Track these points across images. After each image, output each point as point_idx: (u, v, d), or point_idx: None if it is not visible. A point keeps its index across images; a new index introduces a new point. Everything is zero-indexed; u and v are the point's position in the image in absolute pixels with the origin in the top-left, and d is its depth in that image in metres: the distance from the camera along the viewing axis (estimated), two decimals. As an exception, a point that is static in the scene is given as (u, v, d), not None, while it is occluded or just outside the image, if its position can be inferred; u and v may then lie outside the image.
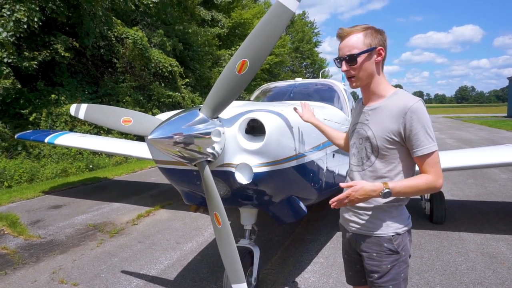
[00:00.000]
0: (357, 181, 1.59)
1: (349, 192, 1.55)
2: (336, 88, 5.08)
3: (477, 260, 3.83)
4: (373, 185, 1.56)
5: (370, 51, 1.63)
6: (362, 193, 1.54)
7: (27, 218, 5.69)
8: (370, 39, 1.63)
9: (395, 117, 1.60)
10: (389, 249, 1.69)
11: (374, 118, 1.69)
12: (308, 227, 4.99)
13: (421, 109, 1.58)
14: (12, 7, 8.70)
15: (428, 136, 1.57)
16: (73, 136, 7.16)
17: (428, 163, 1.59)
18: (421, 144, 1.57)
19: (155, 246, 4.48)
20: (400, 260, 1.70)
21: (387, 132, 1.62)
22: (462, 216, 5.27)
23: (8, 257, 4.18)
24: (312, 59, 45.13)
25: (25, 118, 10.05)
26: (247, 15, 23.72)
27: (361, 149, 1.75)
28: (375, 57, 1.65)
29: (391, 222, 1.69)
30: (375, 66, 1.67)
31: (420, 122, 1.55)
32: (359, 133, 1.76)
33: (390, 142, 1.63)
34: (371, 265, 1.74)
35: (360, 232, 1.76)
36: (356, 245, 1.80)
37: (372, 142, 1.67)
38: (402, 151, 1.65)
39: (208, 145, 2.22)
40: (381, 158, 1.67)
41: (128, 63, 13.67)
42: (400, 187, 1.56)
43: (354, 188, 1.55)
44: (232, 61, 2.09)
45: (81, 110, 2.87)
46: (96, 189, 7.88)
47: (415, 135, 1.57)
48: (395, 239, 1.69)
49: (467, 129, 21.97)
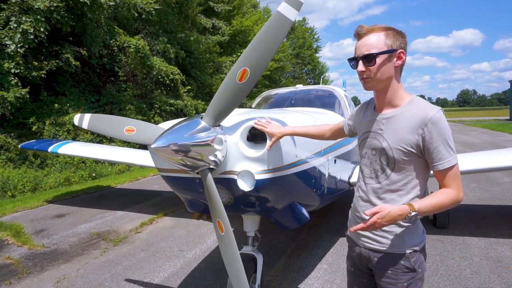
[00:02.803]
0: (382, 206, 1.46)
1: (374, 220, 1.44)
2: (337, 94, 5.11)
3: (481, 264, 3.81)
4: (400, 210, 1.44)
5: (391, 53, 1.53)
6: (389, 219, 1.43)
7: (31, 227, 5.71)
8: (391, 40, 1.53)
9: (413, 128, 1.51)
10: (406, 267, 1.59)
11: (389, 128, 1.58)
12: (311, 233, 4.98)
13: (442, 119, 1.49)
14: (18, 19, 8.82)
15: (450, 148, 1.49)
16: (76, 145, 7.19)
17: (449, 177, 1.51)
18: (442, 158, 1.49)
19: (158, 254, 4.48)
20: (417, 277, 1.60)
21: (404, 144, 1.53)
22: (466, 221, 5.26)
23: (13, 266, 4.20)
24: (313, 64, 45.30)
25: (28, 128, 10.13)
26: (247, 22, 23.88)
27: (375, 161, 1.65)
28: (395, 61, 1.55)
29: (409, 238, 1.60)
30: (394, 70, 1.57)
31: (441, 134, 1.47)
32: (372, 143, 1.65)
33: (407, 154, 1.54)
34: (386, 283, 1.64)
35: (374, 248, 1.66)
36: (369, 261, 1.70)
37: (388, 154, 1.58)
38: (420, 163, 1.57)
39: (210, 153, 2.24)
40: (398, 171, 1.58)
41: (130, 72, 13.78)
42: (426, 207, 1.47)
43: (381, 214, 1.43)
44: (233, 70, 2.12)
45: (84, 120, 2.90)
46: (99, 197, 7.90)
47: (436, 148, 1.48)
48: (412, 256, 1.59)
49: (470, 133, 21.92)
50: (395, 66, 1.57)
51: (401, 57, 1.56)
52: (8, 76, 8.91)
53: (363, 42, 1.57)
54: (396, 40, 1.54)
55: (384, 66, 1.54)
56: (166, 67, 14.30)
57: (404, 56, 1.57)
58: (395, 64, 1.56)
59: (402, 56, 1.56)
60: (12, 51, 8.78)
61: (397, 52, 1.55)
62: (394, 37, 1.54)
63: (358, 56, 1.58)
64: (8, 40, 8.76)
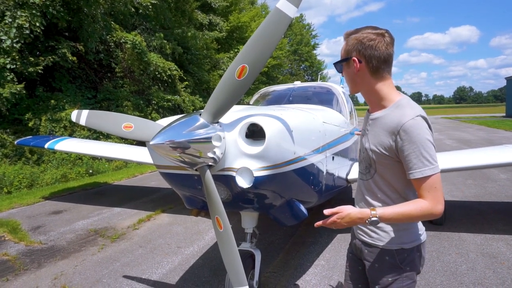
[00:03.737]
0: (342, 207, 1.50)
1: (334, 219, 1.49)
2: (335, 91, 5.11)
3: (477, 260, 3.84)
4: (360, 212, 1.48)
5: (346, 61, 1.58)
6: (348, 220, 1.48)
7: (27, 224, 5.69)
8: (347, 47, 1.57)
9: (388, 132, 1.51)
10: (391, 263, 1.61)
11: (372, 129, 1.61)
12: (309, 229, 5.00)
13: (416, 127, 1.42)
14: (13, 14, 8.74)
15: (423, 158, 1.42)
16: (73, 142, 7.16)
17: (423, 188, 1.45)
18: (413, 167, 1.44)
19: (156, 250, 4.48)
20: (403, 275, 1.61)
21: (379, 146, 1.55)
22: (462, 217, 5.29)
23: (10, 263, 4.19)
24: (310, 61, 45.31)
25: (24, 124, 10.06)
26: (244, 19, 23.79)
27: (364, 159, 1.70)
28: (353, 67, 1.56)
29: (397, 236, 1.60)
30: (359, 76, 1.57)
31: (413, 142, 1.42)
32: (363, 141, 1.71)
33: (383, 157, 1.55)
34: (372, 275, 1.69)
35: (365, 241, 1.70)
36: (361, 252, 1.75)
37: (369, 154, 1.62)
38: (399, 167, 1.53)
39: (208, 150, 2.24)
40: (379, 172, 1.60)
41: (127, 68, 13.70)
42: (390, 215, 1.46)
43: (340, 215, 1.48)
44: (232, 67, 2.11)
45: (82, 116, 2.89)
46: (97, 194, 7.88)
47: (407, 157, 1.44)
48: (399, 253, 1.60)
49: (466, 130, 22.01)
50: (356, 71, 1.56)
51: (356, 64, 1.54)
52: (4, 72, 8.85)
53: None
54: (351, 47, 1.55)
55: (348, 72, 1.62)
56: (163, 63, 14.24)
57: (356, 63, 1.54)
58: (356, 69, 1.56)
59: (356, 62, 1.54)
60: (8, 46, 8.71)
61: (351, 59, 1.56)
62: (350, 44, 1.55)
63: None
64: (4, 35, 8.69)
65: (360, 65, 1.54)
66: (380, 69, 1.54)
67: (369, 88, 1.59)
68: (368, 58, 1.52)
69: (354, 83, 1.63)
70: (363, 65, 1.54)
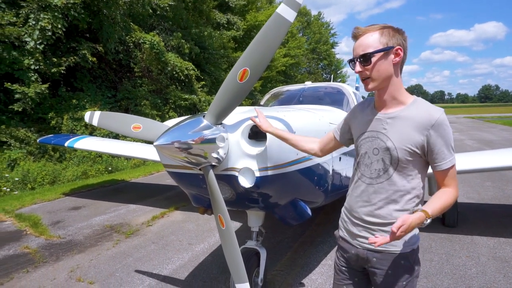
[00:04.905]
0: (404, 219, 1.42)
1: (400, 235, 1.42)
2: (345, 91, 5.10)
3: (488, 264, 3.78)
4: (418, 218, 1.45)
5: (387, 50, 1.53)
6: (410, 230, 1.44)
7: (48, 219, 5.95)
8: (386, 38, 1.53)
9: (419, 128, 1.53)
10: (406, 266, 1.64)
11: (395, 128, 1.58)
12: (318, 229, 5.03)
13: (446, 121, 1.54)
14: (37, 16, 9.10)
15: (451, 148, 1.55)
16: (92, 140, 7.41)
17: (450, 176, 1.58)
18: (445, 158, 1.54)
19: (168, 246, 4.61)
20: (414, 275, 1.66)
21: (409, 144, 1.54)
22: (477, 220, 5.19)
23: (30, 256, 4.40)
24: (329, 60, 44.87)
25: (47, 123, 10.45)
26: (262, 17, 23.83)
27: (377, 161, 1.63)
28: (392, 58, 1.55)
29: (408, 238, 1.63)
30: (393, 68, 1.56)
31: (445, 135, 1.52)
32: (375, 142, 1.64)
33: (411, 155, 1.56)
34: (385, 282, 1.66)
35: (373, 248, 1.64)
36: (367, 261, 1.70)
37: (392, 154, 1.58)
38: (420, 163, 1.60)
39: (212, 150, 2.31)
40: (400, 171, 1.59)
41: (146, 68, 14.01)
42: (437, 210, 1.52)
43: (404, 227, 1.41)
44: (234, 70, 2.18)
45: (94, 117, 3.03)
46: (114, 191, 8.13)
47: (440, 149, 1.53)
48: (412, 255, 1.65)
49: (489, 130, 21.36)
50: (394, 63, 1.56)
51: (399, 54, 1.55)
52: (28, 72, 9.22)
53: (359, 42, 1.58)
54: (392, 37, 1.55)
55: (381, 64, 1.54)
56: (180, 63, 14.48)
57: (401, 52, 1.56)
58: (393, 61, 1.55)
59: (399, 52, 1.55)
60: (32, 48, 9.07)
61: (394, 49, 1.54)
62: (390, 35, 1.55)
63: (355, 57, 1.59)
64: (28, 37, 9.05)
65: (402, 56, 1.57)
66: (404, 64, 1.63)
67: (395, 82, 1.60)
68: (405, 50, 1.59)
69: (388, 76, 1.57)
70: (402, 56, 1.57)
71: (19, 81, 9.32)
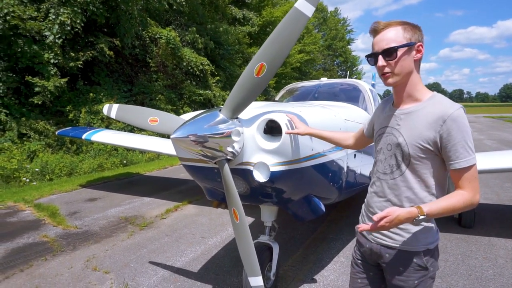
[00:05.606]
0: (390, 210, 1.43)
1: (382, 224, 1.42)
2: (361, 88, 5.05)
3: (506, 266, 3.70)
4: (408, 213, 1.42)
5: (410, 46, 1.52)
6: (397, 222, 1.42)
7: (65, 209, 6.09)
8: (410, 34, 1.53)
9: (431, 124, 1.48)
10: (418, 265, 1.59)
11: (407, 123, 1.56)
12: (331, 226, 5.00)
13: (462, 117, 1.45)
14: (57, 11, 9.28)
15: (468, 147, 1.44)
16: (108, 133, 7.54)
17: (465, 178, 1.46)
18: (460, 156, 1.44)
19: (181, 239, 4.67)
20: (428, 276, 1.61)
21: (420, 140, 1.51)
22: (494, 221, 5.08)
23: (48, 244, 4.53)
24: (344, 56, 44.41)
25: (65, 116, 10.68)
26: (278, 13, 23.70)
27: (390, 156, 1.63)
28: (414, 54, 1.54)
29: (423, 237, 1.59)
30: (415, 64, 1.56)
31: (460, 132, 1.43)
32: (388, 138, 1.64)
33: (423, 151, 1.51)
34: (397, 279, 1.64)
35: (387, 244, 1.65)
36: (380, 257, 1.69)
37: (404, 150, 1.55)
38: (436, 161, 1.53)
39: (228, 144, 2.33)
40: (413, 168, 1.56)
41: (161, 63, 14.13)
42: (436, 210, 1.44)
43: (389, 218, 1.41)
44: (251, 65, 2.18)
45: (112, 110, 3.08)
46: (129, 183, 8.26)
47: (453, 146, 1.44)
48: (426, 254, 1.59)
49: (510, 130, 20.80)
50: (415, 59, 1.55)
51: (420, 50, 1.55)
52: (48, 66, 9.44)
53: (381, 36, 1.56)
54: (414, 33, 1.54)
55: (404, 60, 1.53)
56: (196, 58, 14.55)
57: (422, 49, 1.56)
58: (414, 57, 1.55)
59: (421, 49, 1.55)
60: (51, 42, 9.26)
61: (416, 45, 1.54)
62: (412, 31, 1.54)
63: (377, 51, 1.57)
64: (47, 31, 9.24)
65: (422, 53, 1.57)
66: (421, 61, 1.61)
67: (414, 79, 1.58)
68: (423, 47, 1.57)
69: (410, 71, 1.56)
70: (422, 54, 1.57)
71: (39, 74, 9.54)
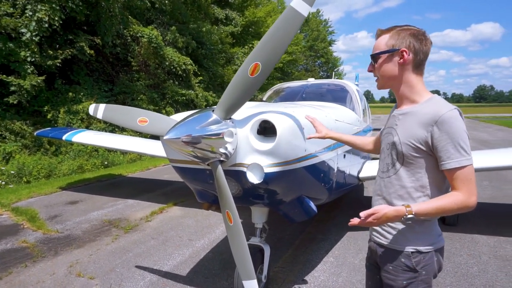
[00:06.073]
0: (378, 208, 1.48)
1: (370, 221, 1.47)
2: (349, 88, 5.08)
3: (489, 262, 3.80)
4: (396, 211, 1.46)
5: (391, 52, 1.58)
6: (385, 219, 1.47)
7: (45, 213, 5.87)
8: (394, 40, 1.58)
9: (424, 124, 1.50)
10: (406, 265, 1.59)
11: (403, 123, 1.60)
12: (319, 226, 5.02)
13: (454, 118, 1.45)
14: (34, 7, 8.95)
15: (461, 148, 1.44)
16: (90, 134, 7.32)
17: (459, 179, 1.45)
18: (451, 157, 1.44)
19: (168, 242, 4.58)
20: (419, 279, 1.58)
21: (412, 139, 1.53)
22: (476, 219, 5.21)
23: (28, 250, 4.34)
24: (326, 57, 44.90)
25: (43, 116, 10.32)
26: (260, 14, 23.72)
27: (388, 155, 1.68)
28: (398, 59, 1.58)
29: (413, 238, 1.59)
30: (400, 69, 1.59)
31: (451, 133, 1.44)
32: (387, 137, 1.69)
33: (415, 150, 1.54)
34: (386, 278, 1.67)
35: (380, 242, 1.70)
36: (376, 254, 1.75)
37: (398, 148, 1.59)
38: (430, 161, 1.54)
39: (220, 145, 2.28)
40: (407, 166, 1.58)
41: (143, 62, 13.88)
42: (425, 210, 1.46)
43: (376, 215, 1.46)
44: (245, 64, 2.14)
45: (99, 110, 2.97)
46: (111, 185, 8.06)
47: (444, 147, 1.45)
48: (415, 256, 1.58)
49: (485, 130, 21.53)
50: (399, 63, 1.59)
51: (403, 56, 1.57)
52: (24, 64, 9.09)
53: (375, 43, 1.67)
54: (401, 39, 1.57)
55: (386, 65, 1.62)
56: (178, 58, 14.37)
57: (407, 54, 1.56)
58: (398, 62, 1.58)
59: (404, 54, 1.57)
60: (27, 39, 8.92)
61: (399, 51, 1.57)
62: (400, 37, 1.58)
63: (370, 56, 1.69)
64: (24, 28, 8.90)
65: (407, 57, 1.57)
66: (421, 64, 1.61)
67: (406, 82, 1.62)
68: (417, 51, 1.58)
69: (393, 76, 1.62)
70: (410, 58, 1.58)
71: (15, 73, 9.18)
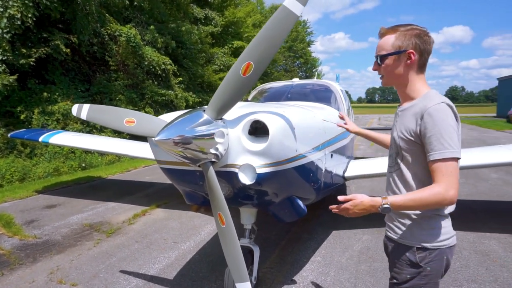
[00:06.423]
0: (356, 195, 1.55)
1: (347, 206, 1.55)
2: (333, 88, 5.13)
3: (470, 258, 3.92)
4: (372, 200, 1.52)
5: (398, 54, 1.61)
6: (361, 207, 1.53)
7: (21, 218, 5.63)
8: (401, 41, 1.60)
9: (414, 117, 1.56)
10: (410, 260, 1.62)
11: (401, 119, 1.66)
12: (304, 225, 5.04)
13: (440, 111, 1.48)
14: (5, 3, 8.57)
15: (444, 140, 1.45)
16: (67, 135, 7.09)
17: (439, 170, 1.46)
18: (434, 149, 1.47)
19: (152, 245, 4.48)
20: (422, 274, 1.60)
21: (404, 131, 1.60)
22: (454, 215, 5.35)
23: (4, 257, 4.15)
24: (305, 58, 45.29)
25: (16, 117, 9.92)
26: (240, 14, 23.67)
27: (392, 152, 1.74)
28: (405, 60, 1.61)
29: (419, 234, 1.61)
30: (405, 69, 1.62)
31: (435, 125, 1.46)
32: (392, 134, 1.76)
33: (408, 142, 1.59)
34: (393, 271, 1.73)
35: (389, 236, 1.75)
36: (387, 248, 1.81)
37: (396, 143, 1.66)
38: (423, 154, 1.55)
39: (211, 146, 2.24)
40: (405, 160, 1.63)
41: (121, 61, 13.55)
42: (401, 201, 1.49)
43: (354, 202, 1.54)
44: (237, 64, 2.11)
45: (83, 110, 2.86)
46: (90, 188, 7.83)
47: (429, 139, 1.48)
48: (419, 252, 1.60)
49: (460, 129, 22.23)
50: (406, 65, 1.62)
51: (411, 57, 1.60)
52: (-4, 63, 8.70)
53: (379, 43, 1.69)
54: (407, 40, 1.60)
55: (393, 66, 1.64)
56: (157, 57, 14.12)
57: (414, 56, 1.60)
58: (405, 63, 1.62)
59: (411, 56, 1.60)
60: (-2, 36, 8.54)
61: (406, 53, 1.60)
62: (406, 38, 1.60)
63: (375, 56, 1.71)
64: (-6, 25, 8.52)
65: (415, 59, 1.61)
66: (425, 64, 1.66)
67: (409, 81, 1.65)
68: (422, 52, 1.61)
69: (398, 76, 1.66)
70: (416, 59, 1.61)
71: (-15, 72, 8.77)
